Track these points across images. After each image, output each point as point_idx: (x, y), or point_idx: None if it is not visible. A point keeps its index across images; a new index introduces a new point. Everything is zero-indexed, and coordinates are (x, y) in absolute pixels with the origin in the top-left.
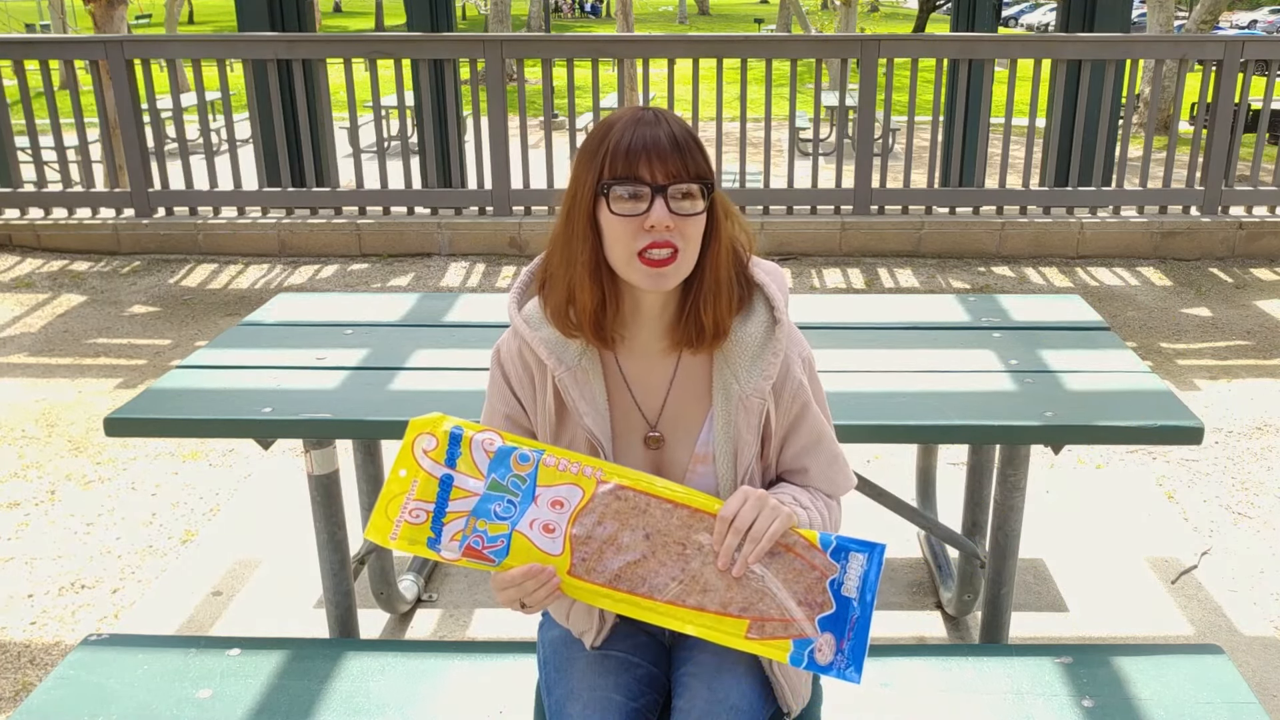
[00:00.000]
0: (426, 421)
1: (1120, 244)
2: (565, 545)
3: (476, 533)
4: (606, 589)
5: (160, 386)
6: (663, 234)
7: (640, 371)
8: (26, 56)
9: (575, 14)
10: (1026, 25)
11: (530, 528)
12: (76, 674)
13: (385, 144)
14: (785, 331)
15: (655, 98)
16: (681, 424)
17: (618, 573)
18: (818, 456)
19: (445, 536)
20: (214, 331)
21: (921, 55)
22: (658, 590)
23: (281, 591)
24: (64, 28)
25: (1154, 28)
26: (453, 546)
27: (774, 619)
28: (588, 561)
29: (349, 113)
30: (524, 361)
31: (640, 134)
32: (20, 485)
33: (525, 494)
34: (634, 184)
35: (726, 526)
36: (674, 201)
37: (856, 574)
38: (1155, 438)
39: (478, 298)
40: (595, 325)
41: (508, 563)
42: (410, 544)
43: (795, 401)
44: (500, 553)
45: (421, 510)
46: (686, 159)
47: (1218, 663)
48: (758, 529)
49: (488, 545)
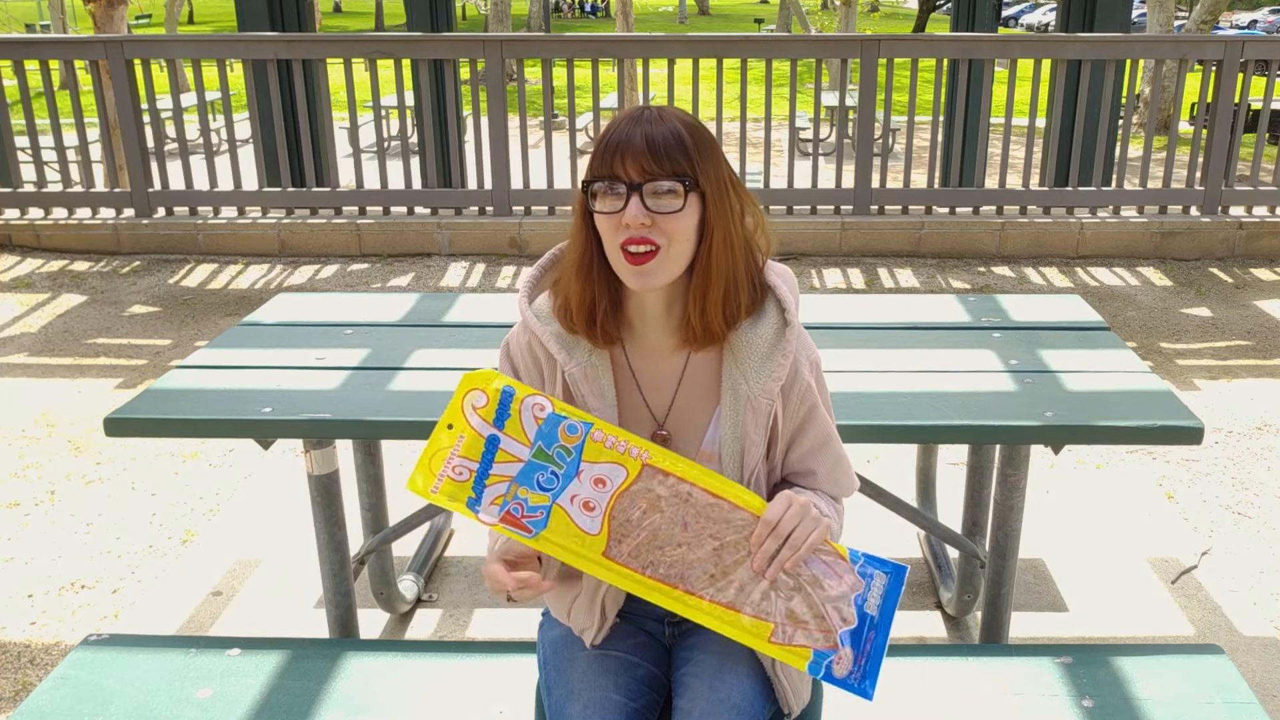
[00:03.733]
0: (479, 377)
1: (1120, 244)
2: (604, 525)
3: (517, 500)
4: (639, 574)
5: (160, 386)
6: (639, 231)
7: (649, 369)
8: (26, 56)
9: (575, 14)
10: (1026, 25)
11: (571, 503)
12: (76, 674)
13: (385, 144)
14: (795, 334)
15: (655, 97)
16: (688, 422)
17: (652, 560)
18: (824, 459)
19: (486, 499)
20: (214, 331)
21: (921, 55)
22: (690, 583)
23: (281, 591)
24: (64, 28)
25: (1154, 28)
26: (492, 510)
27: (799, 626)
28: (624, 544)
29: (349, 113)
30: (533, 355)
31: (623, 132)
32: (20, 485)
33: (570, 467)
34: (610, 181)
35: (768, 530)
36: (651, 199)
37: (879, 593)
38: (1155, 438)
39: (478, 298)
40: (588, 323)
41: (544, 535)
42: (450, 500)
43: (803, 404)
44: (539, 524)
45: (465, 468)
46: (663, 156)
47: (1218, 663)
48: (797, 537)
49: (527, 514)
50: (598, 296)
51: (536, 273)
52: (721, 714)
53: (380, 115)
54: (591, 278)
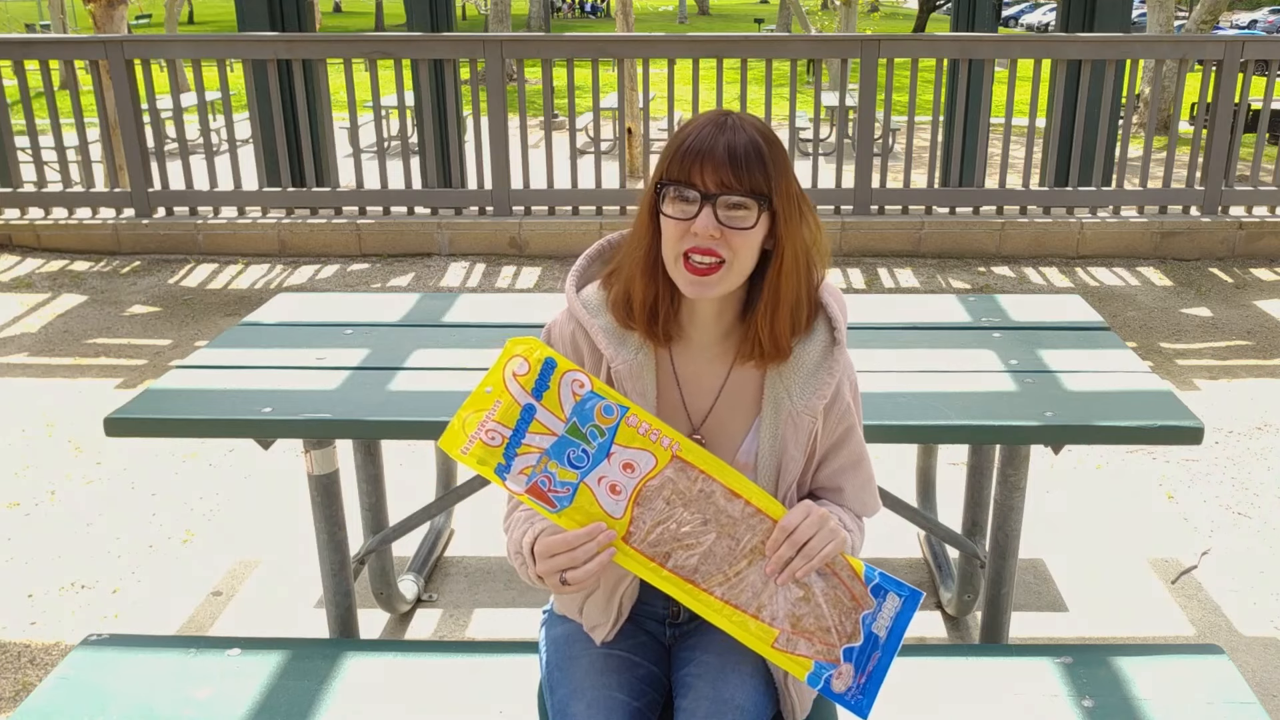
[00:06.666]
0: (524, 343)
1: (1120, 244)
2: (627, 510)
3: (546, 473)
4: (655, 564)
5: (160, 386)
6: (707, 242)
7: (692, 373)
8: (26, 56)
9: (575, 14)
10: (1026, 25)
11: (598, 484)
12: (76, 674)
13: (385, 144)
14: (843, 353)
15: (655, 98)
16: (725, 430)
17: (669, 551)
18: (854, 478)
19: (515, 468)
20: (214, 331)
21: (921, 55)
22: (703, 579)
23: (281, 591)
24: (64, 28)
25: (1154, 28)
26: (520, 480)
27: (804, 635)
28: (644, 531)
29: (349, 113)
30: (575, 345)
31: (703, 138)
32: (20, 485)
33: (601, 448)
34: (685, 188)
35: (785, 536)
36: (723, 211)
37: (890, 614)
38: (1155, 438)
39: (478, 298)
40: (650, 320)
41: (568, 511)
42: (479, 464)
43: (841, 423)
44: (564, 500)
45: (498, 434)
46: (742, 170)
47: (1218, 663)
48: (813, 546)
49: (554, 489)
50: (661, 294)
51: (584, 263)
52: (725, 714)
53: (380, 115)
54: (657, 276)
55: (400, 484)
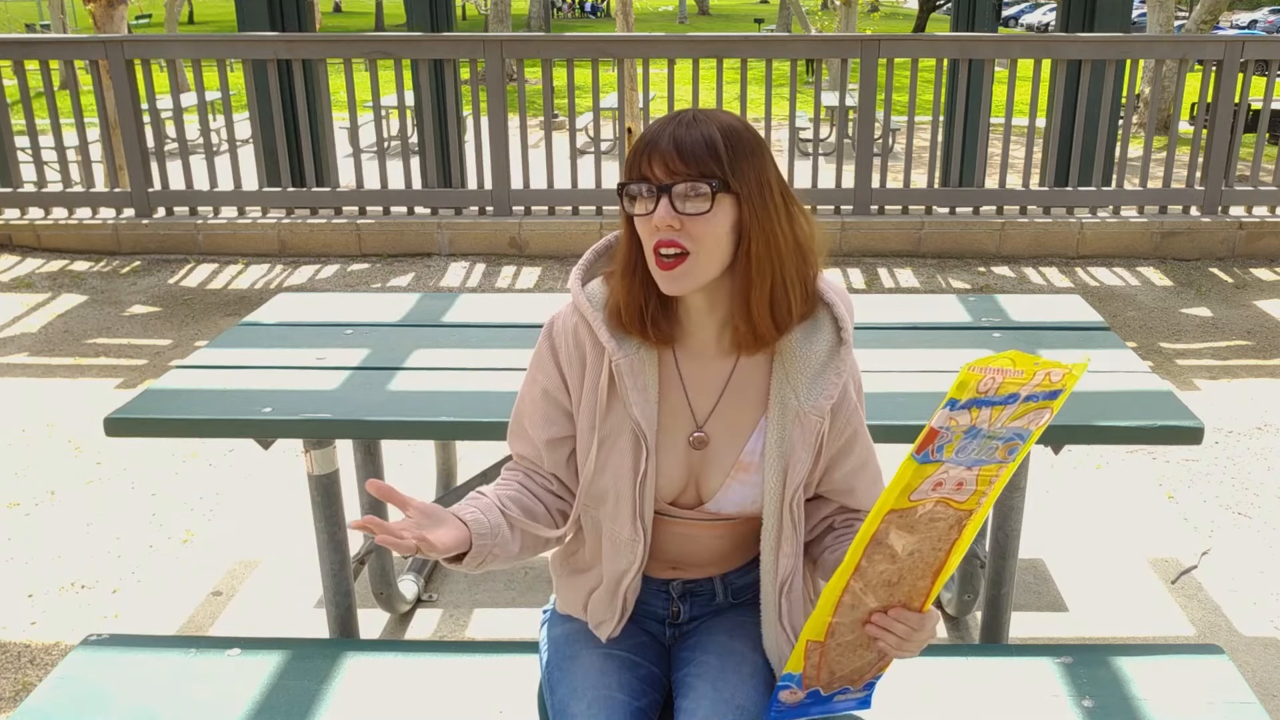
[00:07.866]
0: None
1: (1120, 244)
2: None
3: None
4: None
5: (160, 386)
6: (667, 233)
7: (696, 371)
8: (26, 56)
9: (575, 14)
10: (1026, 25)
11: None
12: (76, 674)
13: (385, 144)
14: (849, 353)
15: (655, 98)
16: (730, 429)
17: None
18: (865, 477)
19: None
20: (214, 331)
21: (921, 55)
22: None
23: (281, 591)
24: (64, 28)
25: (1154, 28)
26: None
27: (821, 653)
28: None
29: (349, 113)
30: (578, 339)
31: (652, 133)
32: (20, 485)
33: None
34: (639, 183)
35: (911, 622)
36: (680, 201)
37: (850, 698)
38: (1155, 438)
39: (478, 298)
40: (639, 324)
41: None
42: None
43: (848, 425)
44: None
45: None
46: (689, 158)
47: (1218, 663)
48: (910, 647)
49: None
50: (645, 299)
51: (591, 257)
52: (726, 714)
53: (380, 115)
54: (635, 280)
55: (400, 484)
